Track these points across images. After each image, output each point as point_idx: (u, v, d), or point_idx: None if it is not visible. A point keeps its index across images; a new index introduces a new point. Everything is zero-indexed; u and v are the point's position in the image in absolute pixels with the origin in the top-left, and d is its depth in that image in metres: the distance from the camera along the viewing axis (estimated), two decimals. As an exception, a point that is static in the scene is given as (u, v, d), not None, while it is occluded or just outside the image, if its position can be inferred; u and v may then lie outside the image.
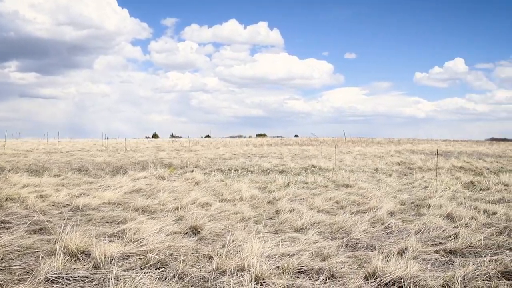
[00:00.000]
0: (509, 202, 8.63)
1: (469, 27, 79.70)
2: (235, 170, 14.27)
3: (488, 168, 16.31)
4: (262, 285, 4.02)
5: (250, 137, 64.23)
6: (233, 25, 72.22)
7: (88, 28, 69.29)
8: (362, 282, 4.13)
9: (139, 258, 4.74)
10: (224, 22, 77.35)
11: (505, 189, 10.55)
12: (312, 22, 76.98)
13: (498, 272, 4.44)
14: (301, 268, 4.46)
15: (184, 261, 4.55)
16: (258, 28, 71.99)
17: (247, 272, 4.20)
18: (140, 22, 73.12)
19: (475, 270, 4.39)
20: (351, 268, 4.56)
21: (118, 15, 68.47)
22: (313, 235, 5.79)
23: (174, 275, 4.22)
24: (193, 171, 13.68)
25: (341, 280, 4.20)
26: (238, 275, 4.21)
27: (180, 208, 7.52)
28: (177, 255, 4.86)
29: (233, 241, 5.23)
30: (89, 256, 4.72)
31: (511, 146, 40.32)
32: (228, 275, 4.16)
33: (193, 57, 73.51)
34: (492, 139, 69.98)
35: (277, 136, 61.49)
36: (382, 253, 4.93)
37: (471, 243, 5.44)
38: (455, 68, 76.95)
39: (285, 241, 5.51)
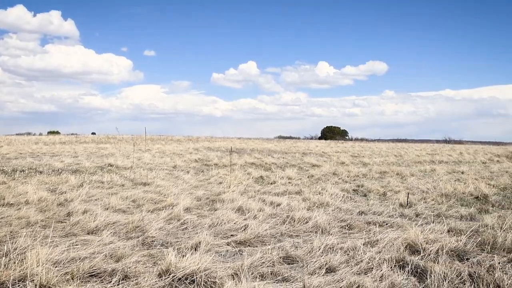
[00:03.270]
0: (292, 194, 9.60)
1: (261, 33, 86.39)
2: (21, 171, 12.95)
3: (275, 164, 17.89)
4: (48, 294, 3.72)
5: (40, 134, 59.01)
6: (20, 11, 65.80)
7: None
8: (156, 279, 4.12)
9: None
10: (9, 7, 69.72)
11: (289, 182, 11.70)
12: (110, 15, 74.61)
13: (281, 257, 4.90)
14: (93, 272, 4.26)
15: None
16: (50, 17, 66.96)
17: (31, 281, 3.84)
18: None
19: (261, 257, 4.77)
20: (146, 267, 4.52)
21: None
22: (107, 236, 5.58)
23: None
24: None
25: (135, 280, 4.12)
26: (21, 286, 3.82)
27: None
28: None
29: (15, 249, 4.73)
30: None
31: (295, 143, 44.98)
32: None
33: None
34: (280, 137, 77.22)
35: (72, 134, 57.73)
36: (177, 249, 5.02)
37: (259, 233, 5.89)
38: (248, 70, 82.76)
39: (76, 245, 5.20)
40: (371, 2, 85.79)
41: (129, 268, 4.36)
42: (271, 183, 11.48)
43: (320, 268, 4.58)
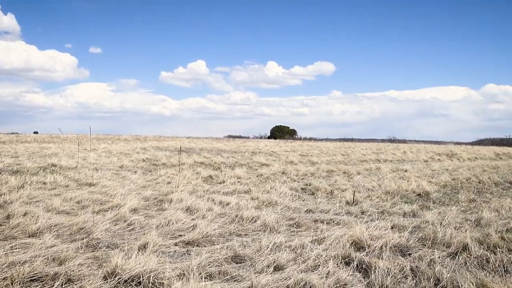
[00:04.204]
0: (241, 193, 9.62)
1: (210, 32, 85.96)
2: (-44, 172, 12.28)
3: (225, 163, 17.87)
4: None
5: (-24, 134, 56.13)
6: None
7: None
8: (101, 282, 4.02)
9: None
10: None
11: (238, 182, 11.71)
12: (54, 10, 72.11)
13: (229, 257, 4.90)
14: (35, 276, 4.10)
15: None
16: (-12, 11, 63.68)
17: (-34, 288, 3.66)
18: None
19: (209, 257, 4.76)
20: (90, 270, 4.40)
21: None
22: (50, 239, 5.38)
23: None
24: None
25: (79, 283, 4.00)
26: (-46, 293, 3.63)
27: None
28: None
29: None
30: None
31: (245, 142, 45.08)
32: None
33: None
34: (229, 136, 77.25)
35: (12, 133, 55.32)
36: (123, 250, 4.91)
37: (207, 232, 5.86)
38: (198, 69, 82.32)
39: (16, 248, 4.98)
40: (319, 3, 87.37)
41: (73, 271, 4.22)
42: (220, 183, 11.45)
43: (268, 266, 4.61)
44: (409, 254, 5.21)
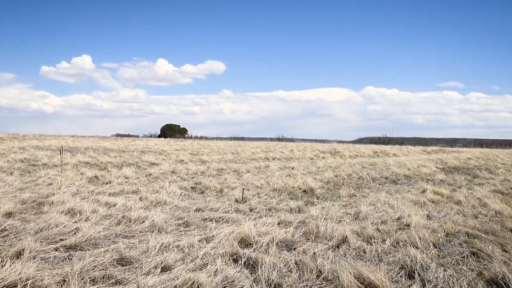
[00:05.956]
0: (128, 193, 9.33)
1: (96, 25, 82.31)
2: None
3: (112, 163, 17.21)
4: None
5: None
6: None
7: None
8: (-32, 294, 3.67)
9: None
10: None
11: (126, 182, 11.35)
12: None
13: (114, 260, 4.73)
14: None
15: None
16: None
17: None
18: None
19: (93, 261, 4.55)
20: (-44, 281, 3.99)
21: None
22: None
23: None
24: None
25: None
26: None
27: None
28: None
29: None
30: None
31: (134, 141, 43.86)
32: None
33: None
34: (118, 135, 74.64)
35: None
36: (-5, 258, 4.53)
37: (91, 235, 5.60)
38: (83, 64, 78.46)
39: None
40: (209, 1, 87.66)
41: None
42: (106, 183, 11.01)
43: (155, 267, 4.53)
44: (294, 249, 5.41)
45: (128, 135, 76.97)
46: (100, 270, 4.39)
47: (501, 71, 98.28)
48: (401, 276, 4.57)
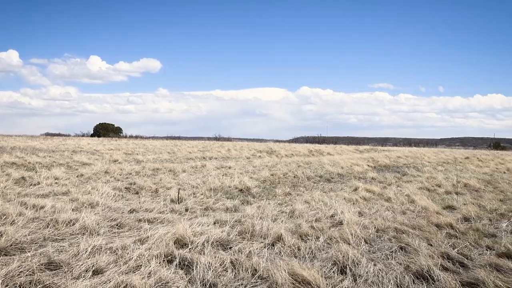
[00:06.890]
0: (58, 195, 8.97)
1: (25, 20, 78.50)
2: None
3: (41, 163, 16.46)
4: None
5: None
6: None
7: None
8: None
9: None
10: None
11: (56, 183, 10.90)
12: None
13: (42, 264, 4.53)
14: None
15: None
16: None
17: None
18: None
19: (19, 266, 4.33)
20: None
21: None
22: None
23: None
24: None
25: None
26: None
27: None
28: None
29: None
30: None
31: (65, 141, 42.19)
32: None
33: None
34: (47, 134, 71.50)
35: None
36: None
37: (17, 239, 5.33)
38: (9, 60, 74.51)
39: None
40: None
41: None
42: (34, 185, 10.52)
43: (86, 271, 4.38)
44: (230, 248, 5.42)
45: (59, 134, 73.83)
46: (26, 275, 4.18)
47: (427, 72, 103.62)
48: (333, 272, 4.70)
